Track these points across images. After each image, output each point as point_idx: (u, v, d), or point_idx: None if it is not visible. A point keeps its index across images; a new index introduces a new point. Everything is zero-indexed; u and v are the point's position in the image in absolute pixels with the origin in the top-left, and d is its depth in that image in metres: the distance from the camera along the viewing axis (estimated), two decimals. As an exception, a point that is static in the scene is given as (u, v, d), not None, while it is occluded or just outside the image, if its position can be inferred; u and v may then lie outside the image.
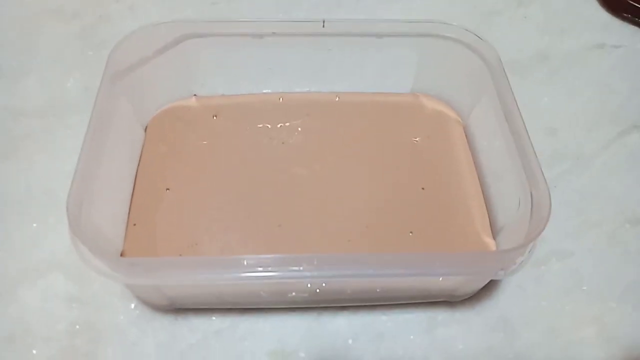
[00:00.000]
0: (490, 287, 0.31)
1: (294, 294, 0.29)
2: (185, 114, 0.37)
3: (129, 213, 0.32)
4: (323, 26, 0.33)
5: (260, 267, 0.24)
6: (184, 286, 0.28)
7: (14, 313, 0.30)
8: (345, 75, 0.37)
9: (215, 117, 0.36)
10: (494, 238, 0.31)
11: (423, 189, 0.33)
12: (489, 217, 0.32)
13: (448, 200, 0.33)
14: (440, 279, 0.27)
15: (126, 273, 0.25)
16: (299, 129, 0.36)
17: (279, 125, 0.36)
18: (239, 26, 0.34)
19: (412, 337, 0.30)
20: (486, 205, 0.33)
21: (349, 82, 0.38)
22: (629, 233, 0.34)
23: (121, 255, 0.30)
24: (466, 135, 0.36)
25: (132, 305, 0.30)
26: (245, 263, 0.24)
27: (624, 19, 0.47)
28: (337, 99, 0.38)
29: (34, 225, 0.33)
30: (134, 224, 0.31)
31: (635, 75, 0.44)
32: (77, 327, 0.30)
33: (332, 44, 0.34)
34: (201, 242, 0.31)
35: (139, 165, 0.34)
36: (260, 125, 0.36)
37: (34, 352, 0.29)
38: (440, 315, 0.31)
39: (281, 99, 0.37)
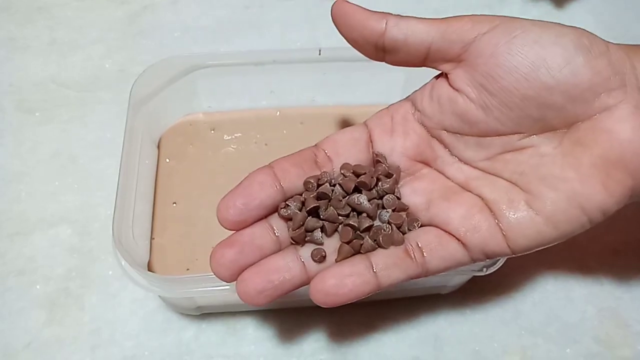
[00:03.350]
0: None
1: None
2: (192, 129, 0.41)
3: (152, 227, 0.36)
4: (319, 54, 0.37)
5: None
6: (216, 297, 0.32)
7: (27, 253, 0.37)
8: (339, 93, 0.41)
9: (220, 132, 0.41)
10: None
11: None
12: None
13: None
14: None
15: (164, 288, 0.30)
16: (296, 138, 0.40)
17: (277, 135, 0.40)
18: (244, 56, 0.38)
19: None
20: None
21: (342, 99, 0.42)
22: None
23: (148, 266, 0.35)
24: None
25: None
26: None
27: None
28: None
29: (56, 183, 0.40)
30: (153, 238, 0.36)
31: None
32: (74, 273, 0.36)
33: (327, 69, 0.39)
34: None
35: (156, 181, 0.38)
36: (259, 136, 0.41)
37: (38, 286, 0.36)
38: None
39: (278, 112, 0.42)
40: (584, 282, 0.37)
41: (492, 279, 0.33)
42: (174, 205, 0.38)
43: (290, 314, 0.35)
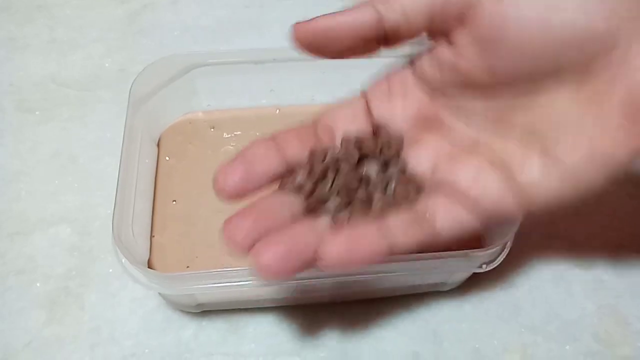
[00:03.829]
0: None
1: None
2: (192, 128, 0.41)
3: (151, 225, 0.36)
4: (319, 52, 0.37)
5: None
6: (216, 294, 0.32)
7: (27, 252, 0.37)
8: (338, 91, 0.41)
9: (219, 130, 0.41)
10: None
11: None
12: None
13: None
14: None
15: (164, 285, 0.30)
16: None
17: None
18: (244, 55, 0.38)
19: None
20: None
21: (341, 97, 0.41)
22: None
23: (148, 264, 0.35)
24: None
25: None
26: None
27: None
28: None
29: (56, 182, 0.40)
30: (153, 236, 0.36)
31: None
32: (73, 272, 0.36)
33: (326, 67, 0.39)
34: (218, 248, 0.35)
35: (155, 179, 0.38)
36: (259, 134, 0.40)
37: (38, 284, 0.36)
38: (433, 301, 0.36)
39: (278, 111, 0.42)
40: (584, 279, 0.36)
41: (492, 276, 0.33)
42: (174, 203, 0.38)
43: (291, 312, 0.35)
